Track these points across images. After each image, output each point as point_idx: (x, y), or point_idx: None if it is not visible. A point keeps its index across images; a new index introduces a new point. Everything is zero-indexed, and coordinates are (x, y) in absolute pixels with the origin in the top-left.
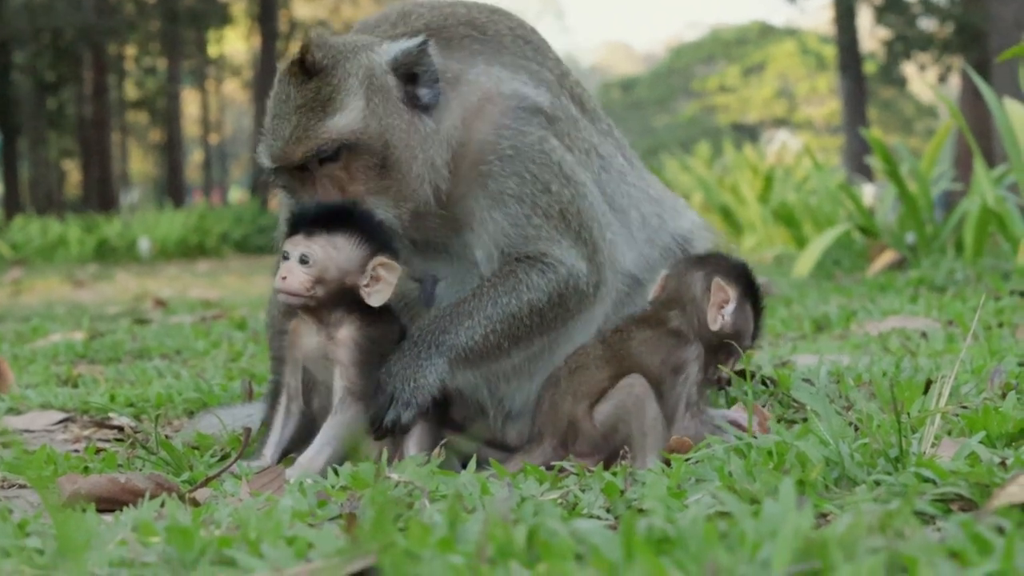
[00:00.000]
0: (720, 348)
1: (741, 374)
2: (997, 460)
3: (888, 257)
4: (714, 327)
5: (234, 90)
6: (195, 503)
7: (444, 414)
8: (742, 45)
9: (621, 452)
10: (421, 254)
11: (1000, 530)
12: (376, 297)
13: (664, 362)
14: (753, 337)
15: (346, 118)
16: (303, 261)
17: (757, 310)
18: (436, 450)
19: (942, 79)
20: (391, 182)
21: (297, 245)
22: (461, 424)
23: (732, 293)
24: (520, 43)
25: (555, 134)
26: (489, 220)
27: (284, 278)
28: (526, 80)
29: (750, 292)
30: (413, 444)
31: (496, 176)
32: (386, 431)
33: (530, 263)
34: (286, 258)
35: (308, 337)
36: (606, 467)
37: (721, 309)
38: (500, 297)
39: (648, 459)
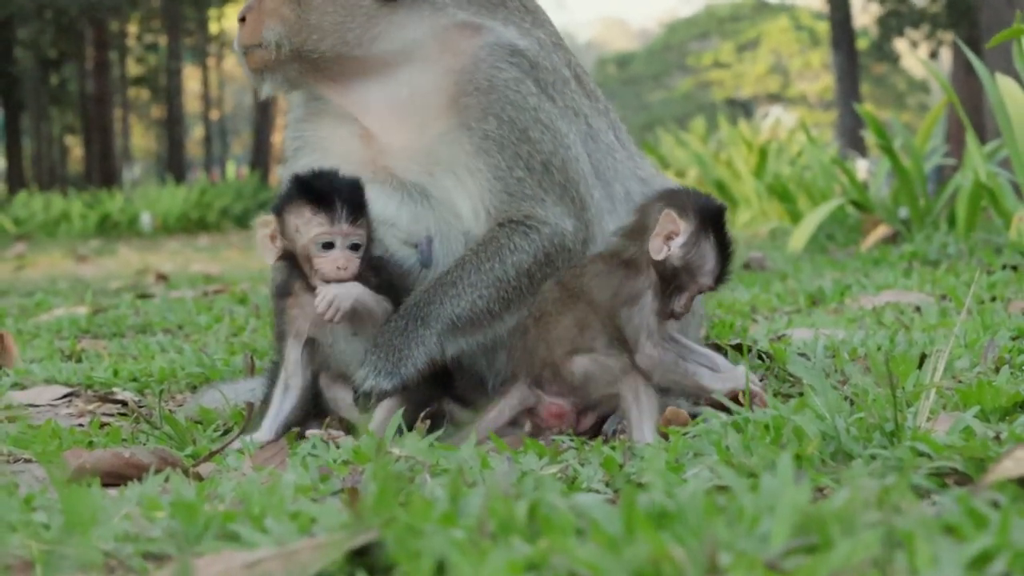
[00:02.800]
0: (673, 280)
1: (738, 348)
2: (991, 434)
3: (881, 231)
4: (656, 256)
5: (234, 67)
6: (199, 477)
7: (445, 387)
8: (736, 21)
9: (619, 426)
10: (405, 206)
11: (995, 504)
12: None
13: (616, 294)
14: (718, 280)
15: None
16: (354, 247)
17: (724, 252)
18: (419, 422)
19: (933, 55)
20: (297, 11)
21: (348, 235)
22: (462, 397)
23: (683, 226)
24: (520, 7)
25: (535, 81)
26: (474, 170)
27: (344, 268)
28: (514, 32)
29: (711, 230)
30: (381, 411)
31: (474, 112)
32: (366, 399)
33: (512, 227)
34: (330, 246)
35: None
36: (593, 433)
37: (669, 240)
38: (483, 263)
39: (646, 431)
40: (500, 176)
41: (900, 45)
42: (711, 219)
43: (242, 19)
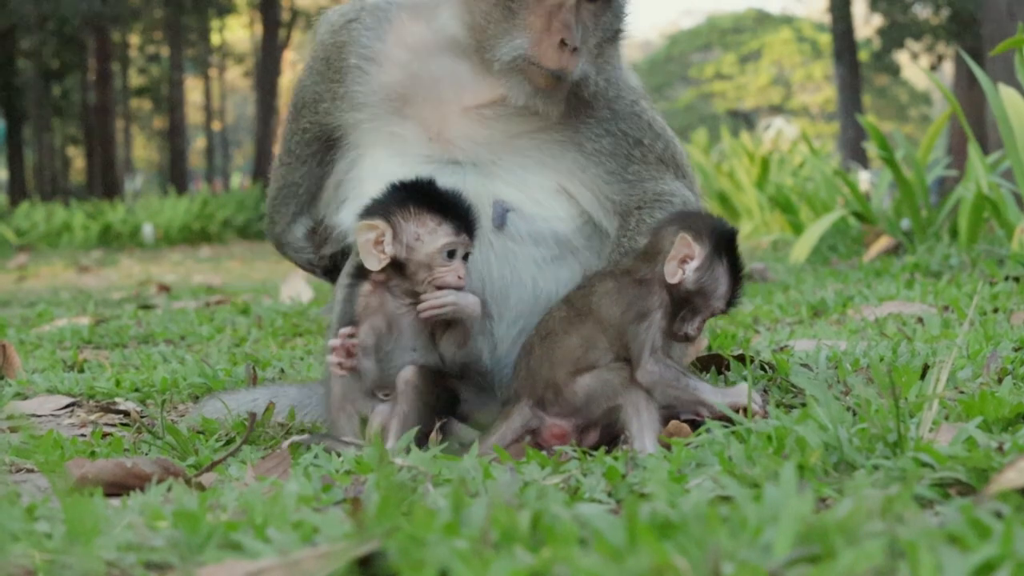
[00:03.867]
0: (686, 304)
1: (740, 359)
2: (994, 445)
3: (884, 243)
4: (671, 280)
5: (236, 78)
6: (201, 487)
7: (452, 405)
8: (738, 33)
9: (621, 437)
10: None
11: (999, 515)
12: None
13: (626, 312)
14: (729, 303)
15: None
16: (465, 257)
17: (735, 276)
18: (433, 434)
19: (935, 67)
20: (610, 49)
21: (467, 246)
22: (467, 415)
23: (698, 250)
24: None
25: (645, 98)
26: (586, 179)
27: (463, 278)
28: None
29: (724, 255)
30: (397, 423)
31: (591, 130)
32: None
33: (648, 208)
34: (452, 255)
35: (392, 303)
36: (602, 445)
37: (683, 264)
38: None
39: (647, 442)
40: (613, 172)
41: (902, 57)
42: (724, 243)
43: (575, 49)
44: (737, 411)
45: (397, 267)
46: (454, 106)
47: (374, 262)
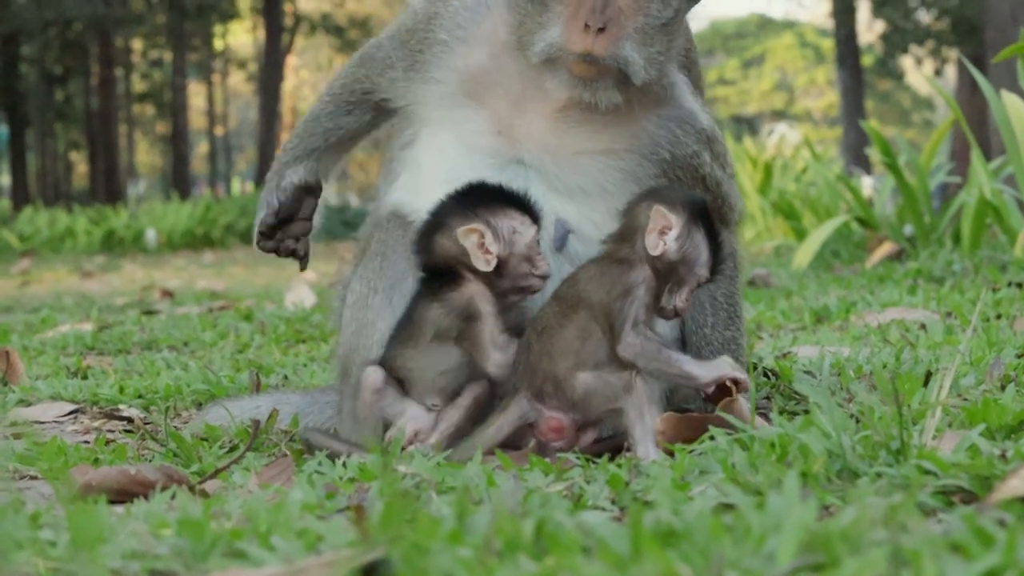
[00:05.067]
0: (671, 276)
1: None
2: (997, 452)
3: (886, 248)
4: (654, 252)
5: (239, 83)
6: (205, 495)
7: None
8: (741, 38)
9: (625, 444)
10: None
11: (1002, 523)
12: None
13: (611, 291)
14: (712, 270)
15: None
16: None
17: (713, 242)
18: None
19: (938, 72)
20: (660, 39)
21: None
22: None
23: (674, 219)
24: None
25: (710, 152)
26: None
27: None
28: (698, 105)
29: (700, 222)
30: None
31: (647, 169)
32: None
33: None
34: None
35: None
36: (603, 454)
37: (663, 235)
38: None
39: (650, 448)
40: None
41: (905, 62)
42: (698, 211)
43: (601, 29)
44: (722, 384)
45: (498, 267)
46: (532, 105)
47: (484, 263)
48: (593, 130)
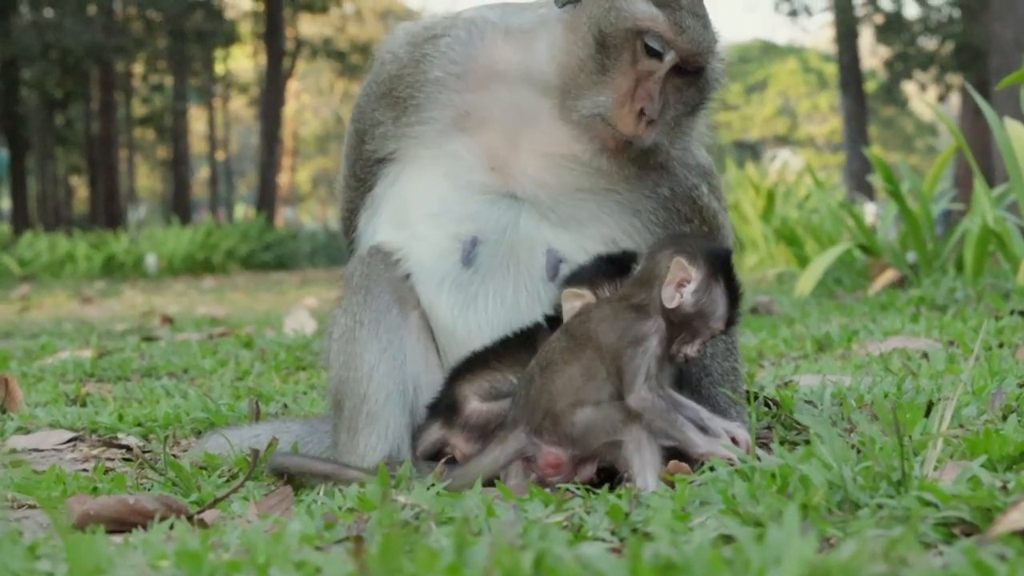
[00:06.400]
0: (685, 327)
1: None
2: (999, 484)
3: (889, 276)
4: (669, 304)
5: (240, 107)
6: (203, 525)
7: None
8: (744, 63)
9: (624, 475)
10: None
11: (1002, 557)
12: None
13: (622, 336)
14: (728, 324)
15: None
16: None
17: (732, 297)
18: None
19: (942, 98)
20: (688, 122)
21: None
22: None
23: (694, 273)
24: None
25: (708, 186)
26: (642, 231)
27: None
28: (698, 146)
29: (721, 275)
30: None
31: (650, 204)
32: None
33: None
34: None
35: None
36: (605, 483)
37: (680, 288)
38: None
39: (650, 480)
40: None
41: (909, 88)
42: (720, 264)
43: (651, 121)
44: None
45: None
46: (527, 143)
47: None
48: (594, 171)
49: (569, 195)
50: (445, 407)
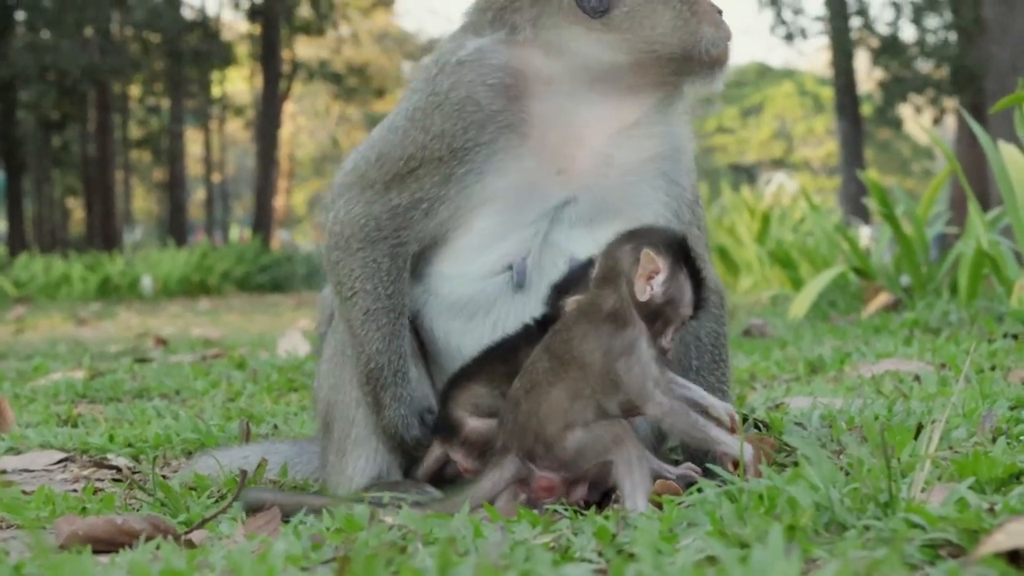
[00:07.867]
0: (657, 318)
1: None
2: (986, 506)
3: (883, 299)
4: (642, 298)
5: (236, 129)
6: (191, 545)
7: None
8: (740, 86)
9: (613, 496)
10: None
11: None
12: None
13: (608, 352)
14: (695, 307)
15: None
16: None
17: (696, 280)
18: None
19: (937, 121)
20: None
21: None
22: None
23: (662, 263)
24: None
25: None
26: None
27: None
28: None
29: (684, 262)
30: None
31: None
32: None
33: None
34: None
35: None
36: (593, 503)
37: (650, 280)
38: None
39: (639, 501)
40: None
41: (904, 111)
42: (680, 250)
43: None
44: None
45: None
46: (590, 129)
47: None
48: (648, 134)
49: (635, 169)
50: (443, 427)
